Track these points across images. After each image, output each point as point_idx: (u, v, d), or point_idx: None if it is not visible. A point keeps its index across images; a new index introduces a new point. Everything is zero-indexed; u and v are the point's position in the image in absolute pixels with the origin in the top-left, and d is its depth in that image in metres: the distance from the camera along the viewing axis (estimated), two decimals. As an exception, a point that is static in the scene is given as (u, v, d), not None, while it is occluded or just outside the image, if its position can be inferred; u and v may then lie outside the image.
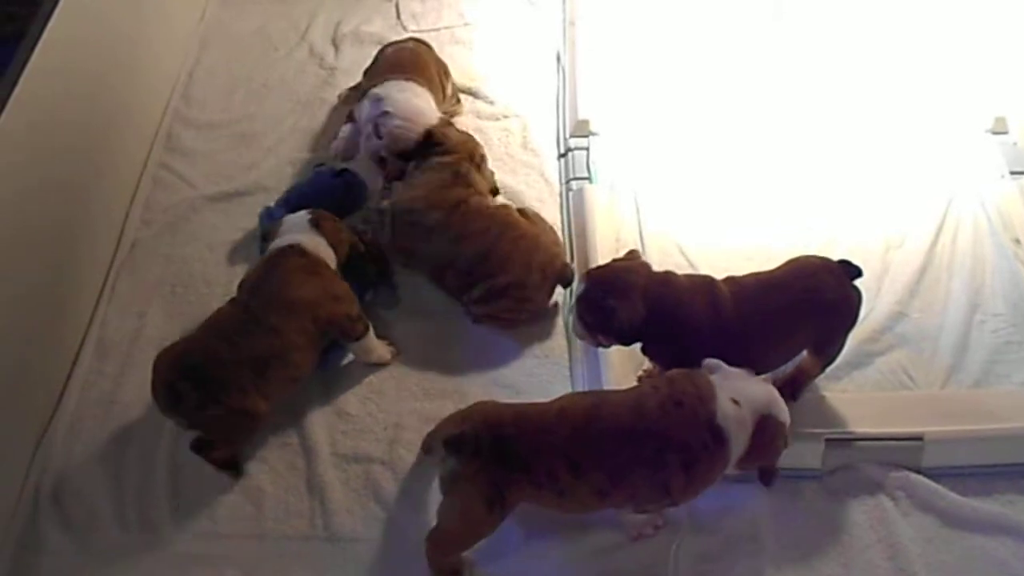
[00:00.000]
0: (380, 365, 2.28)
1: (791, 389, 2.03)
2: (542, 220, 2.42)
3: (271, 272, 2.13)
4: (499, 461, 1.76)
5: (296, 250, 2.14)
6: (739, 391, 1.80)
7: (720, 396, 1.79)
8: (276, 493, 2.09)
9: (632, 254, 2.07)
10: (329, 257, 2.19)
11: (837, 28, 2.96)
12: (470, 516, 1.80)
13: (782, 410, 1.83)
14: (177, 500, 2.07)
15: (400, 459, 2.12)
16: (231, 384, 2.01)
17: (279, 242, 2.18)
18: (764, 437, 1.79)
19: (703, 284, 2.00)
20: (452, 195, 2.31)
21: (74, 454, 2.15)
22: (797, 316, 1.96)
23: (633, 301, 1.93)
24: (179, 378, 2.01)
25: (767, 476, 1.88)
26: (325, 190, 2.51)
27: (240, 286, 2.16)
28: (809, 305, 1.96)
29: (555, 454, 1.76)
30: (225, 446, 2.09)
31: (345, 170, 2.57)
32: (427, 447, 2.06)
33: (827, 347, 2.03)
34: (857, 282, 2.31)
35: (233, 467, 2.10)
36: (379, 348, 2.27)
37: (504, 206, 2.39)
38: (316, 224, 2.21)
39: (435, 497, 2.03)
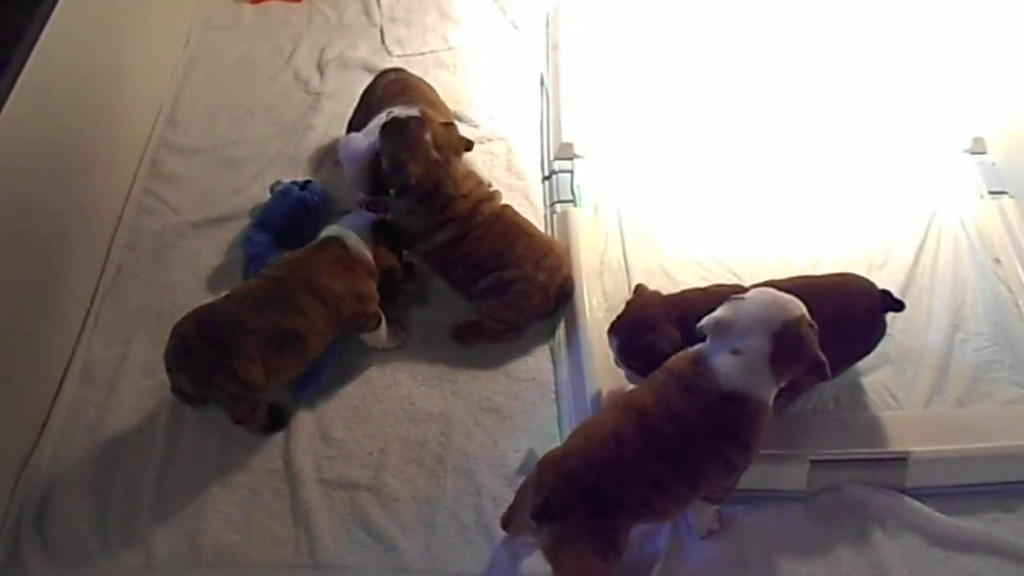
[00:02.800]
0: (366, 387, 2.28)
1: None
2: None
3: (310, 258, 2.20)
4: (595, 512, 1.72)
5: (338, 243, 2.22)
6: (738, 334, 1.76)
7: (716, 361, 1.76)
8: (260, 520, 2.07)
9: (640, 288, 2.11)
10: (368, 257, 2.24)
11: (818, 50, 2.99)
12: (591, 574, 1.75)
13: (791, 308, 1.77)
14: (162, 528, 2.06)
15: (386, 485, 2.11)
16: (243, 351, 2.04)
17: (328, 231, 2.27)
18: (787, 349, 1.75)
19: (719, 293, 2.00)
20: (459, 210, 2.35)
21: (58, 482, 2.14)
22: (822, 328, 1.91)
23: (664, 328, 1.97)
24: (195, 334, 2.05)
25: (817, 371, 1.79)
26: (293, 205, 2.54)
27: (274, 263, 2.21)
28: (832, 321, 1.91)
29: (640, 482, 1.74)
30: (226, 408, 2.11)
31: (309, 181, 2.61)
32: (507, 525, 1.96)
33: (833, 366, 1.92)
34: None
35: (277, 424, 2.18)
36: (383, 336, 2.32)
37: (514, 213, 2.44)
38: (374, 229, 2.28)
39: (419, 522, 2.05)
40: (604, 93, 2.91)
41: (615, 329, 2.05)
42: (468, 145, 2.41)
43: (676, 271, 2.44)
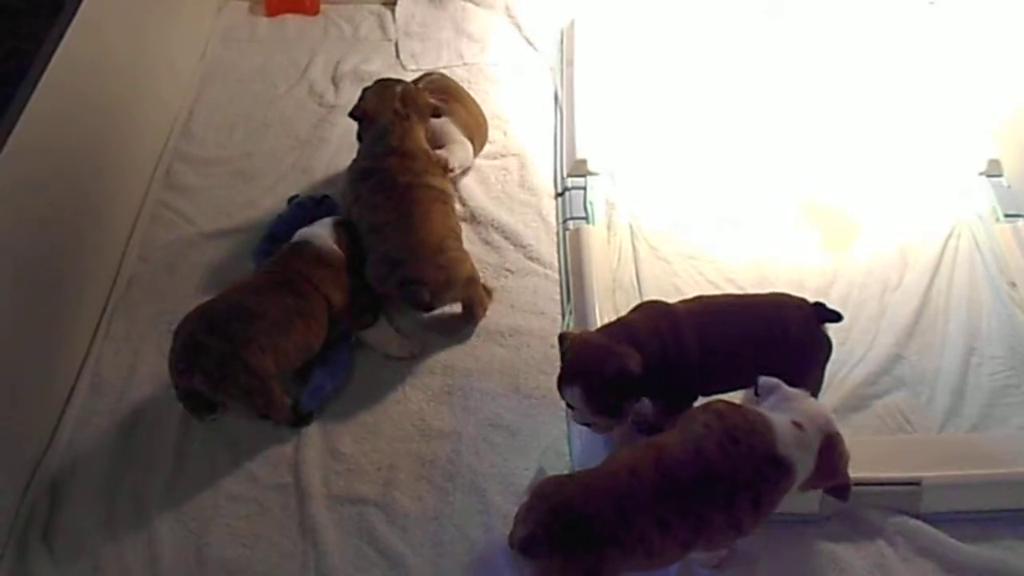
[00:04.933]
0: (376, 402, 2.28)
1: None
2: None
3: (293, 256, 2.27)
4: (582, 545, 1.68)
5: (309, 246, 2.28)
6: (802, 413, 1.78)
7: (777, 424, 1.75)
8: (267, 534, 2.07)
9: (562, 336, 2.01)
10: (340, 254, 2.29)
11: (833, 72, 2.99)
12: None
13: (837, 426, 1.82)
14: (169, 540, 2.05)
15: (394, 501, 2.10)
16: (253, 339, 2.07)
17: (296, 237, 2.33)
18: (831, 457, 1.77)
19: (658, 313, 2.01)
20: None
21: (67, 491, 2.14)
22: (757, 344, 1.96)
23: (623, 350, 1.90)
24: (203, 329, 2.08)
25: (841, 492, 1.82)
26: (307, 219, 2.51)
27: (264, 264, 2.32)
28: (770, 337, 1.96)
29: (644, 516, 1.70)
30: (244, 408, 2.14)
31: (326, 197, 2.62)
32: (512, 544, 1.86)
33: (796, 385, 1.94)
34: (855, 324, 2.35)
35: (305, 418, 2.22)
36: (393, 342, 2.35)
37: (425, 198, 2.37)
38: (337, 226, 2.34)
39: (427, 539, 2.04)
40: (618, 110, 2.90)
41: (568, 378, 1.93)
42: (436, 112, 2.53)
43: (688, 289, 2.42)
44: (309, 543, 2.04)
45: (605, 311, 2.35)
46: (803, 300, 2.03)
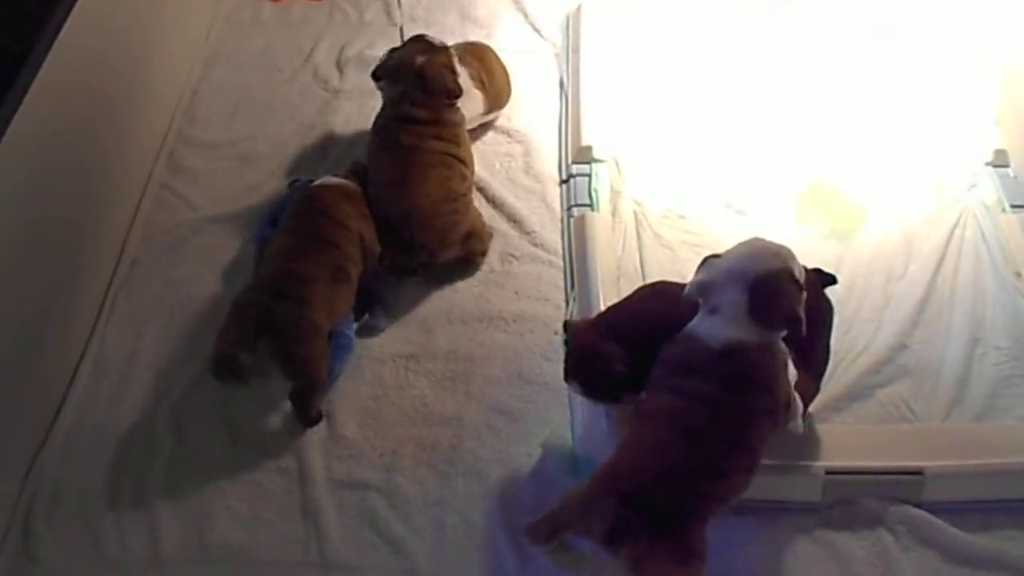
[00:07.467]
0: (379, 387, 2.28)
1: None
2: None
3: (315, 199, 2.36)
4: (663, 527, 1.68)
5: (324, 185, 2.40)
6: (716, 293, 1.75)
7: (699, 329, 1.76)
8: (269, 517, 2.07)
9: (565, 324, 2.06)
10: (355, 186, 2.43)
11: (840, 59, 2.97)
12: None
13: (772, 261, 1.76)
14: (170, 523, 2.05)
15: (396, 487, 2.10)
16: (315, 299, 2.16)
17: (310, 186, 2.43)
18: (763, 302, 1.72)
19: (652, 293, 2.04)
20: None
21: (68, 474, 2.14)
22: None
23: (603, 350, 1.93)
24: (269, 299, 2.16)
25: (793, 325, 1.76)
26: None
27: (285, 217, 2.38)
28: None
29: (700, 478, 1.71)
30: (304, 372, 2.17)
31: None
32: (537, 534, 1.81)
33: (808, 357, 1.96)
34: (859, 313, 2.35)
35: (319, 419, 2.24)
36: None
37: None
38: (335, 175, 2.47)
39: (429, 524, 2.04)
40: (624, 97, 2.89)
41: (568, 374, 2.02)
42: (453, 95, 2.53)
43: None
44: (311, 527, 2.04)
45: (609, 298, 2.33)
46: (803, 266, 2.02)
